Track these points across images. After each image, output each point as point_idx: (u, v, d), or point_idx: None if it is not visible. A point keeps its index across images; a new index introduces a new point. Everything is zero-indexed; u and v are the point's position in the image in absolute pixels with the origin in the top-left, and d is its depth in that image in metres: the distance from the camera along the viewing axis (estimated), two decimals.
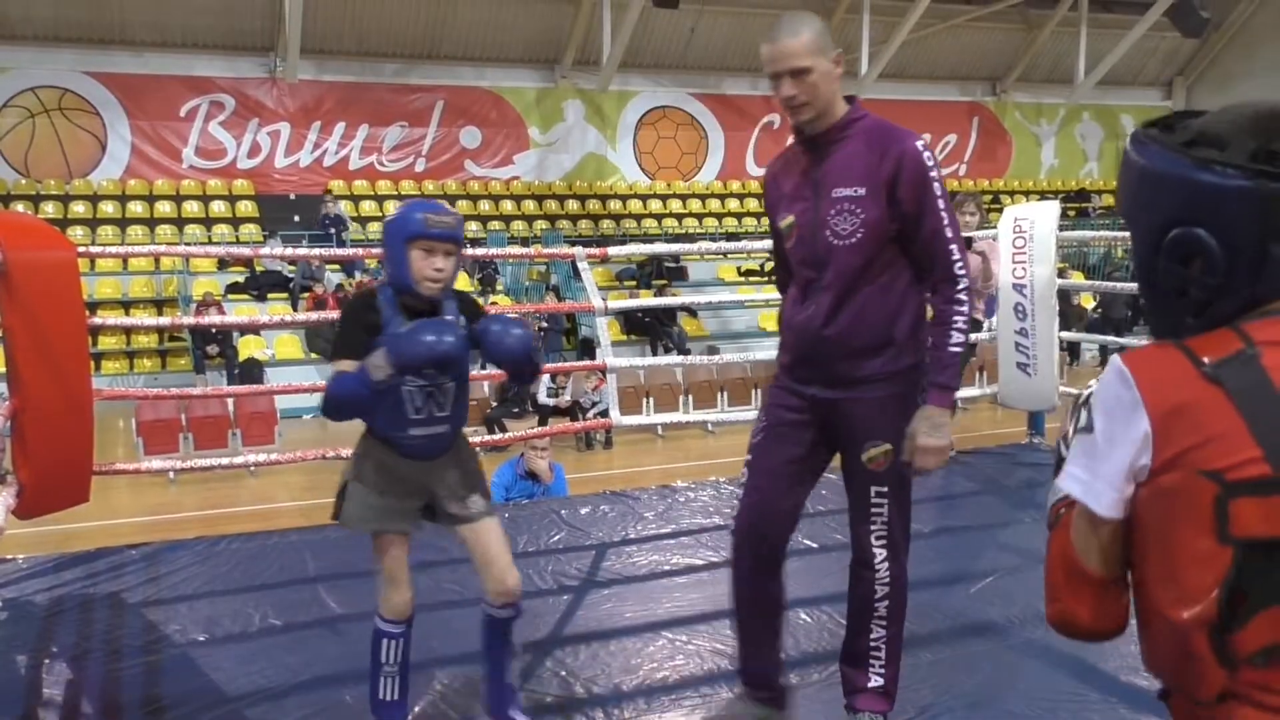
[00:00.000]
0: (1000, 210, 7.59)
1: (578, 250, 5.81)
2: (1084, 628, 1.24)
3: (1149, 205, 1.21)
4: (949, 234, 2.50)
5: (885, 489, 2.63)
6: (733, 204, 19.64)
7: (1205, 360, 1.13)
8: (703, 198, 19.60)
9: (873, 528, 2.65)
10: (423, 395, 2.64)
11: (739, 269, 16.99)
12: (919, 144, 2.50)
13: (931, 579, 4.04)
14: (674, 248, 11.20)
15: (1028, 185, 21.91)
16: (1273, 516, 1.08)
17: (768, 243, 3.03)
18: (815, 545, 4.59)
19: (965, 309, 2.53)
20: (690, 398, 10.72)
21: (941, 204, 2.49)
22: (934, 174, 2.48)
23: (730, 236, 17.85)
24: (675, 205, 19.26)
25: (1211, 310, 1.18)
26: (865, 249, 2.48)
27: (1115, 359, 1.20)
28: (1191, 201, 1.16)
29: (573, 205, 18.59)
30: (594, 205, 18.58)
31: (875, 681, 2.69)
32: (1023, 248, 5.95)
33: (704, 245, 8.32)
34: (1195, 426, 1.11)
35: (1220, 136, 1.16)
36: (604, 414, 6.14)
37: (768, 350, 13.65)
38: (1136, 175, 1.22)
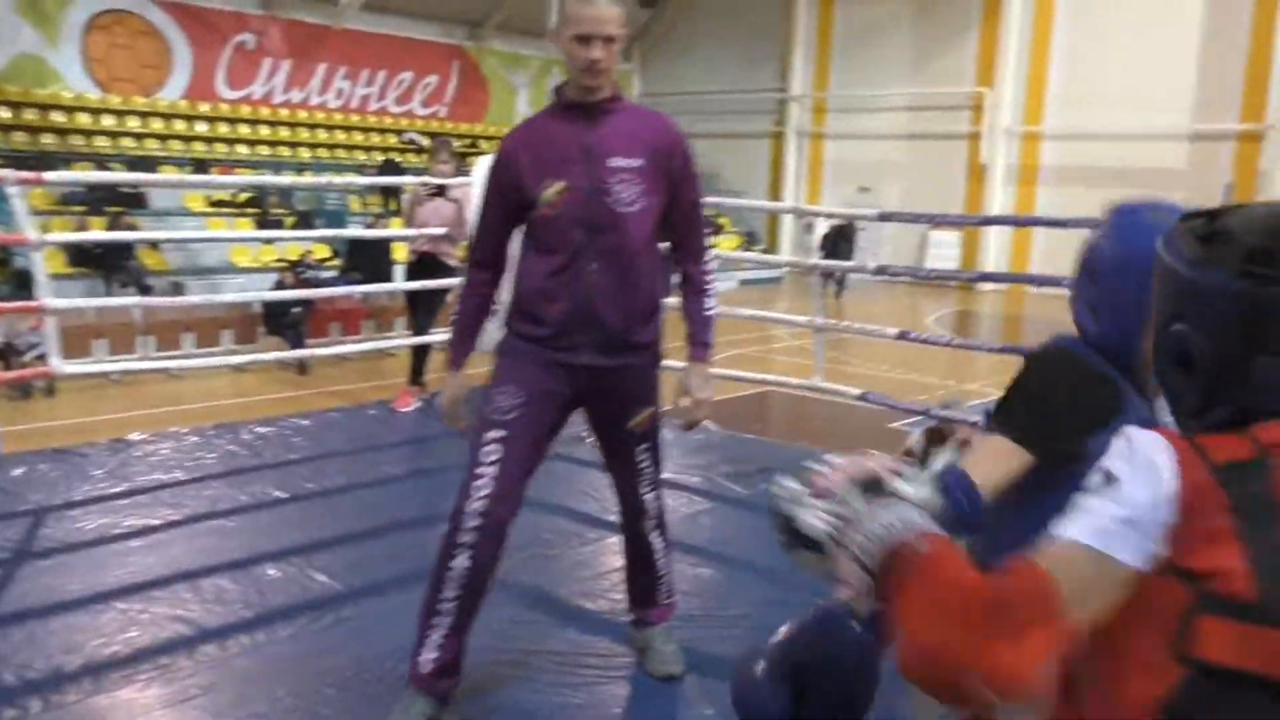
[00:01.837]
0: (479, 156, 7.85)
1: (6, 173, 5.04)
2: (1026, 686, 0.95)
3: (1157, 296, 1.16)
4: (702, 206, 2.82)
5: (648, 445, 2.86)
6: (201, 126, 18.19)
7: (1215, 461, 1.02)
8: (167, 117, 17.91)
9: (641, 481, 2.88)
10: None
11: (209, 198, 15.84)
12: (677, 123, 2.78)
13: (417, 518, 4.17)
14: (131, 176, 10.11)
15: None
16: (1244, 646, 0.95)
17: (241, 178, 2.88)
18: (283, 495, 4.52)
19: (715, 275, 2.87)
20: (151, 339, 9.87)
21: (698, 179, 2.77)
22: (691, 151, 2.75)
23: (199, 162, 16.53)
24: (134, 123, 17.40)
25: (1208, 417, 1.10)
26: (646, 218, 2.63)
27: (1137, 432, 1.06)
28: (1181, 298, 1.10)
29: (3, 114, 16.06)
30: (31, 116, 16.17)
31: (665, 598, 3.05)
32: None
33: (175, 175, 7.59)
34: (1196, 522, 0.99)
35: (1231, 233, 1.08)
36: (43, 359, 5.44)
37: (239, 287, 12.94)
38: (1155, 264, 1.16)
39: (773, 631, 2.22)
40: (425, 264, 6.83)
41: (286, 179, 13.06)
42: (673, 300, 2.89)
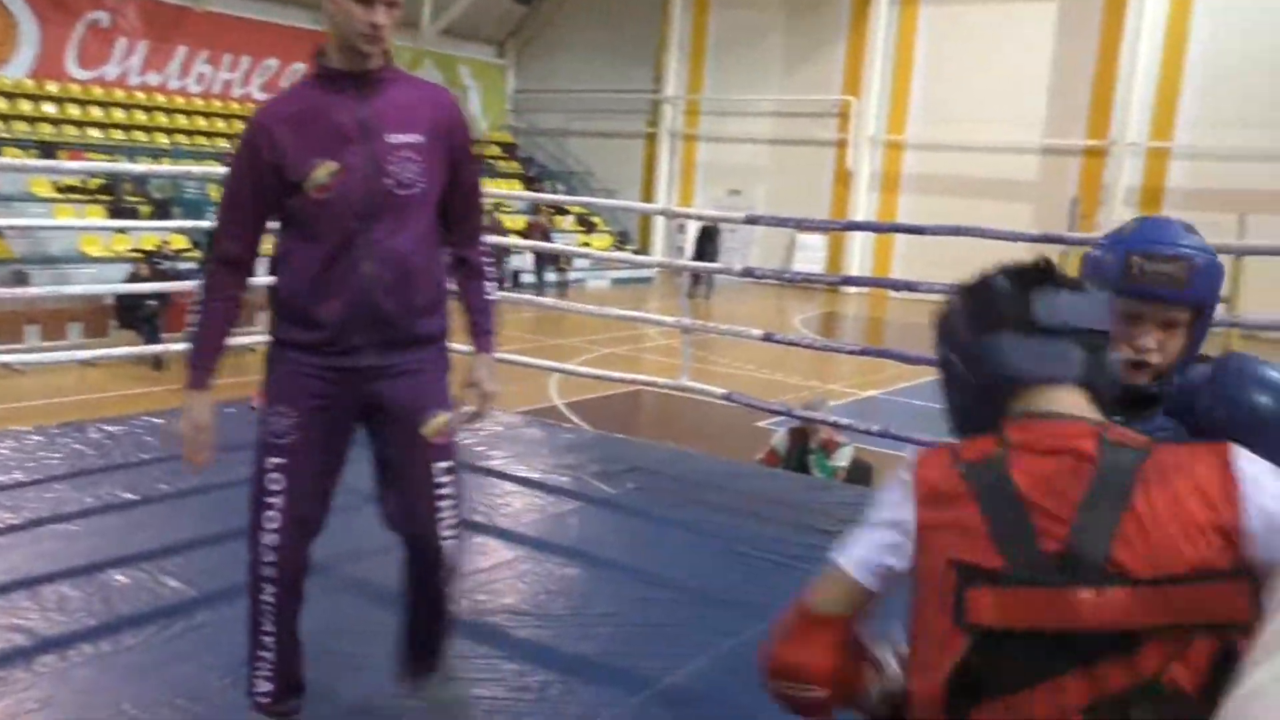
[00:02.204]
0: None
1: None
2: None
3: None
4: (481, 185, 2.57)
5: (449, 464, 2.51)
6: (49, 107, 17.27)
7: (962, 459, 1.26)
8: (10, 96, 16.95)
9: (441, 519, 2.50)
10: None
11: (56, 184, 15.05)
12: (455, 95, 2.53)
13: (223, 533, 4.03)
14: None
15: None
16: (1004, 608, 1.17)
17: (92, 163, 2.71)
18: (133, 497, 4.33)
19: (493, 259, 2.65)
20: None
21: (476, 156, 2.55)
22: (471, 126, 2.52)
23: (45, 145, 15.69)
24: None
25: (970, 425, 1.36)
26: (427, 200, 2.38)
27: (909, 455, 1.35)
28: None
29: None
30: None
31: (440, 656, 2.69)
32: None
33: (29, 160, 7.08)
34: (950, 516, 1.23)
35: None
36: None
37: (90, 278, 12.34)
38: None
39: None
40: None
41: (141, 166, 12.50)
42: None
